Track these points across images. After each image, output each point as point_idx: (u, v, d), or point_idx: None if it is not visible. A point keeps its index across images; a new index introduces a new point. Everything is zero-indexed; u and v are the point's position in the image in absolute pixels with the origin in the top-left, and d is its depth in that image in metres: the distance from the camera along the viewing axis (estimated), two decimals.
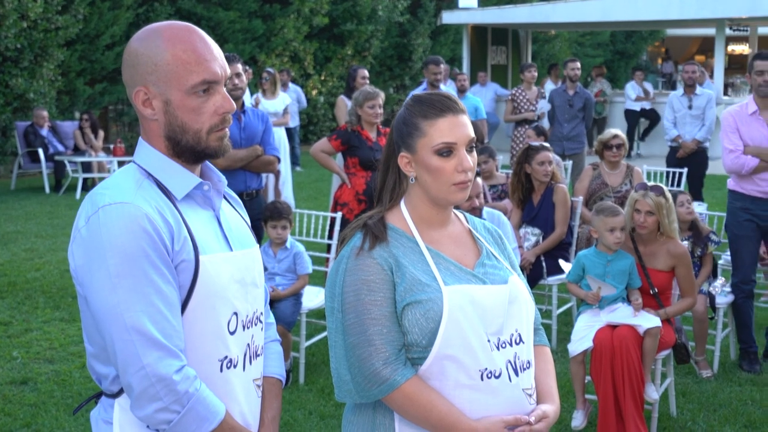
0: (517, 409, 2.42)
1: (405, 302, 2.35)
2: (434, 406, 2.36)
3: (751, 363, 6.40)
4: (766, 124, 6.30)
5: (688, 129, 10.51)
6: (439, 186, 2.41)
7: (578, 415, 5.19)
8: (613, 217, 5.22)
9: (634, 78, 19.12)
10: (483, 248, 2.54)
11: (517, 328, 2.46)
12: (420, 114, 2.42)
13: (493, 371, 2.38)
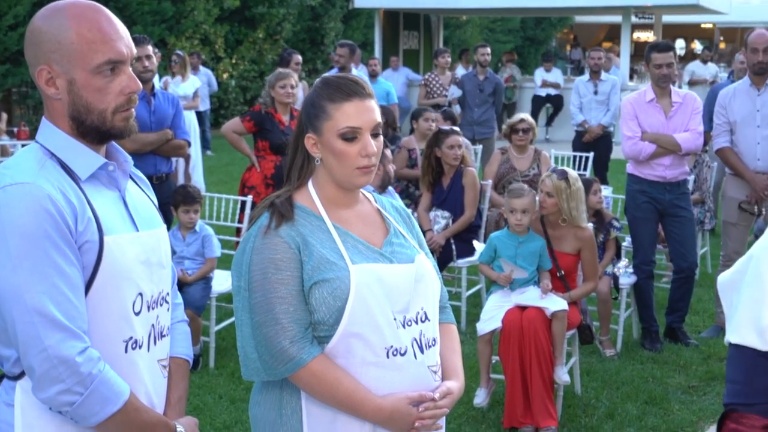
0: (422, 385, 2.46)
1: (312, 281, 2.37)
2: (340, 383, 2.38)
3: (652, 342, 6.59)
4: (663, 111, 6.50)
5: (593, 114, 10.75)
6: (343, 169, 2.43)
7: (481, 393, 5.29)
8: (515, 199, 5.32)
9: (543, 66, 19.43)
10: (391, 227, 2.57)
11: (423, 306, 2.50)
12: (327, 97, 2.43)
13: (399, 349, 2.42)
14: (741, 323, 2.02)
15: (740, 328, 2.02)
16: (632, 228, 6.76)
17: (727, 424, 2.01)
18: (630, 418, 5.32)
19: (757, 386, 1.98)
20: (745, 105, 6.60)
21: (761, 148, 6.55)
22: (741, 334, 2.01)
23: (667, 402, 5.56)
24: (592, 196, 6.47)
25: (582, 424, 5.22)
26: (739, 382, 2.01)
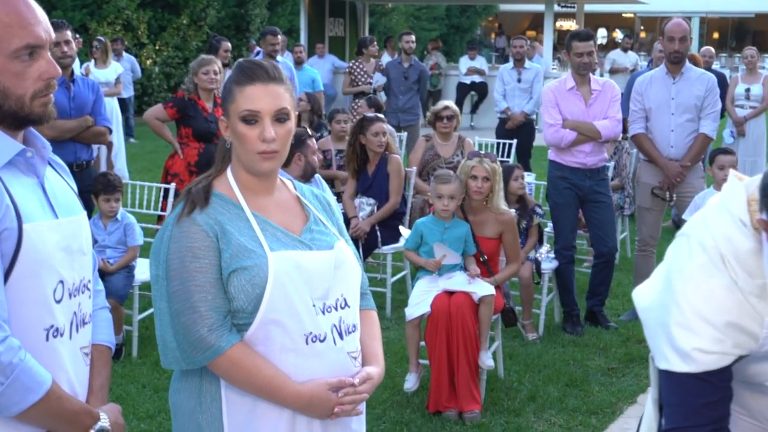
0: (342, 371, 2.48)
1: (230, 269, 2.37)
2: (259, 370, 2.39)
3: (573, 325, 6.72)
4: (583, 99, 6.62)
5: (516, 101, 10.89)
6: (245, 153, 2.43)
7: (411, 378, 5.34)
8: (443, 185, 5.37)
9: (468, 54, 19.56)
10: (310, 214, 2.58)
11: (343, 292, 2.51)
12: (234, 80, 2.44)
13: (318, 335, 2.43)
14: (665, 349, 2.05)
15: (665, 353, 2.05)
16: (554, 214, 6.88)
17: None
18: (551, 400, 5.42)
19: (691, 406, 2.02)
20: (660, 93, 6.75)
21: (675, 136, 6.71)
22: (668, 360, 2.04)
23: (587, 384, 5.68)
24: (513, 182, 6.56)
25: (505, 407, 5.30)
26: (674, 404, 2.05)
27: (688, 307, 2.00)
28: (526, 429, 5.02)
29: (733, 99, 10.78)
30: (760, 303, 1.96)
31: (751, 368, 2.08)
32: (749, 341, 2.00)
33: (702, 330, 1.98)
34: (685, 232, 2.10)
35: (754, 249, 1.95)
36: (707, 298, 1.98)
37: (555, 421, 5.15)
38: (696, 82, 6.73)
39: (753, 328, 1.98)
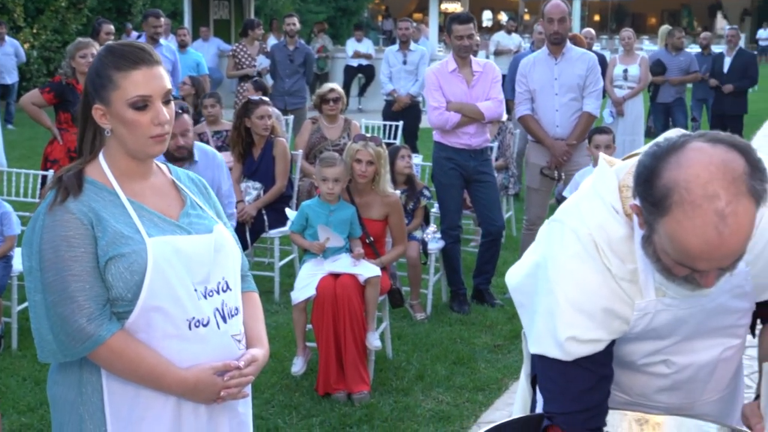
0: (227, 355, 2.47)
1: (108, 256, 2.32)
2: (142, 358, 2.35)
3: (460, 304, 6.81)
4: (465, 80, 6.68)
5: (402, 84, 10.94)
6: (136, 139, 2.38)
7: (298, 362, 5.33)
8: (328, 168, 5.36)
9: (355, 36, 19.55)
10: (187, 198, 2.54)
11: (224, 276, 2.49)
12: (113, 65, 2.36)
13: (201, 320, 2.41)
14: (540, 335, 2.07)
15: (540, 339, 2.07)
16: (439, 194, 6.95)
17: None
18: (439, 378, 5.49)
19: (574, 392, 2.04)
20: (543, 74, 6.87)
21: (560, 116, 6.85)
22: (542, 346, 2.07)
23: (474, 361, 5.76)
24: (399, 161, 6.60)
25: (393, 387, 5.34)
26: (554, 390, 2.08)
27: (562, 296, 2.03)
28: (414, 408, 5.07)
29: (611, 80, 11.05)
30: (632, 287, 2.01)
31: (623, 349, 2.14)
32: (622, 325, 2.04)
33: (576, 319, 2.01)
34: (559, 218, 2.12)
35: (626, 235, 1.99)
36: (581, 286, 2.01)
37: (443, 399, 5.22)
38: (577, 62, 6.87)
39: (625, 313, 2.03)
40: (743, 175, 1.74)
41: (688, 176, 1.75)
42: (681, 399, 2.18)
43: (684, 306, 2.04)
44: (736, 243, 1.75)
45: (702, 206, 1.72)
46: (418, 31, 17.11)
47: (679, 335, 2.10)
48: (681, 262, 1.81)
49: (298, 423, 4.86)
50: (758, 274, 2.06)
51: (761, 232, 1.99)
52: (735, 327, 2.17)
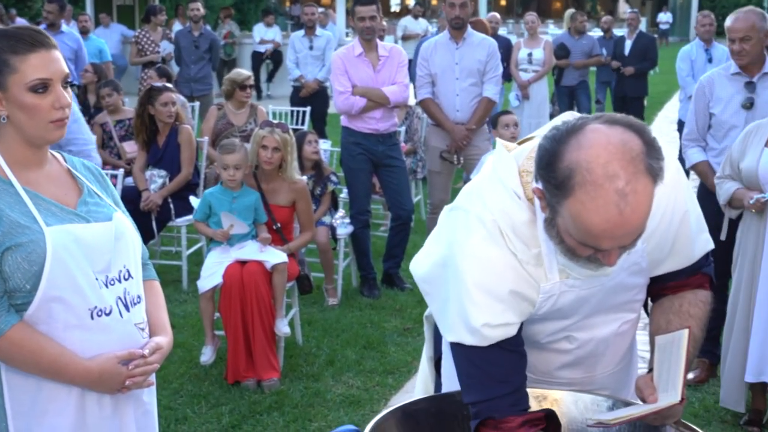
0: (131, 344, 2.44)
1: (4, 247, 2.26)
2: (44, 350, 2.31)
3: (370, 288, 6.84)
4: (371, 65, 6.69)
5: (309, 69, 10.89)
6: (36, 124, 2.32)
7: (207, 351, 5.29)
8: (228, 155, 5.32)
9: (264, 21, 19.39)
10: (84, 187, 2.50)
11: (125, 264, 2.47)
12: (9, 49, 2.30)
13: (103, 309, 2.38)
14: (454, 323, 2.09)
15: (455, 328, 2.09)
16: (348, 179, 6.95)
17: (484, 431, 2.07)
18: (349, 363, 5.51)
19: (497, 376, 2.07)
20: (444, 58, 6.92)
21: (460, 100, 6.92)
22: (457, 333, 2.08)
23: (384, 345, 5.80)
24: (307, 146, 6.58)
25: (303, 373, 5.35)
26: (476, 377, 2.09)
27: (472, 282, 2.05)
28: (325, 393, 5.08)
29: (516, 63, 11.18)
30: (537, 271, 2.05)
31: (528, 329, 2.18)
32: (529, 307, 2.09)
33: (487, 304, 2.04)
34: (461, 206, 2.13)
35: (529, 220, 2.03)
36: (489, 271, 2.04)
37: (353, 384, 5.24)
38: (478, 47, 6.94)
39: (531, 295, 2.07)
40: (641, 154, 1.79)
41: (588, 157, 1.78)
42: (581, 373, 2.24)
43: (586, 286, 2.09)
44: (637, 220, 1.80)
45: (603, 186, 1.76)
46: (325, 16, 17.05)
47: (581, 314, 2.15)
48: (584, 242, 1.85)
49: (207, 412, 4.82)
50: (652, 251, 2.12)
51: (655, 210, 2.04)
52: (632, 302, 2.23)
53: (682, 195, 2.12)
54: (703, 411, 4.89)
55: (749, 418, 4.71)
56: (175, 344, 5.63)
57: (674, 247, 2.14)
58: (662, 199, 2.04)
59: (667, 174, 2.01)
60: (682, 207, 2.12)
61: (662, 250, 2.13)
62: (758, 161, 4.41)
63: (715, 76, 5.20)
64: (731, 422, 4.77)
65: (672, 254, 2.15)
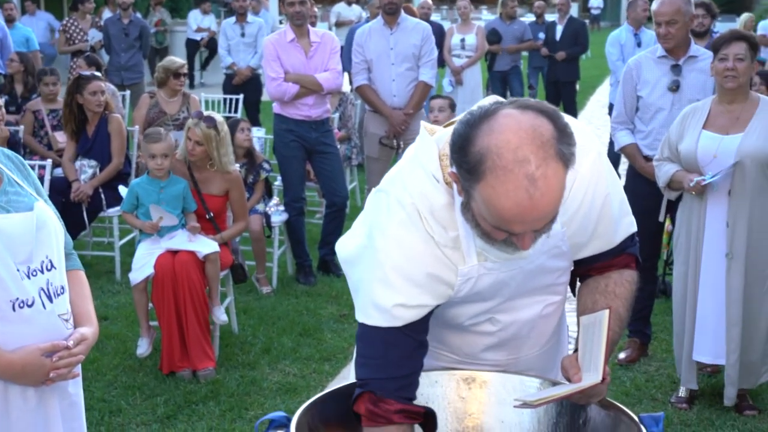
0: (54, 335, 2.42)
1: None
2: None
3: (306, 276, 6.82)
4: (303, 51, 6.66)
5: (242, 56, 10.81)
6: None
7: (143, 343, 5.23)
8: (154, 144, 5.26)
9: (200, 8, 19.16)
10: (4, 176, 2.45)
11: (48, 254, 2.43)
12: None
13: (26, 300, 2.35)
14: (366, 303, 2.10)
15: (366, 307, 2.09)
16: (282, 167, 6.92)
17: (364, 403, 2.09)
18: (285, 350, 5.49)
19: (392, 359, 2.08)
20: (379, 43, 6.91)
21: (396, 85, 6.92)
22: (367, 314, 2.09)
23: (320, 332, 5.79)
24: (239, 134, 6.53)
25: (239, 362, 5.32)
26: (373, 357, 2.10)
27: (389, 264, 2.05)
28: (261, 381, 5.06)
29: (449, 49, 11.21)
30: (455, 254, 2.05)
31: (449, 312, 2.19)
32: (447, 290, 2.09)
33: (403, 286, 2.04)
34: (383, 188, 2.14)
35: (447, 203, 2.03)
36: (407, 254, 2.04)
37: (289, 371, 5.23)
38: (412, 31, 6.95)
39: (449, 278, 2.07)
40: (551, 140, 1.80)
41: (499, 142, 1.79)
42: (506, 355, 2.26)
43: (505, 269, 2.10)
44: (547, 205, 1.80)
45: (513, 171, 1.77)
46: (258, 3, 16.90)
47: (502, 297, 2.16)
48: (497, 225, 1.86)
49: (142, 403, 4.77)
50: (573, 235, 2.14)
51: (574, 195, 2.07)
52: (555, 285, 2.25)
53: (603, 179, 2.13)
54: (634, 389, 4.98)
55: (682, 396, 4.80)
56: (109, 335, 5.61)
57: (596, 230, 2.16)
58: (582, 184, 2.07)
59: (587, 159, 2.06)
60: (604, 191, 2.13)
61: (584, 234, 2.15)
62: (696, 143, 4.48)
63: (642, 59, 5.28)
64: (662, 400, 4.86)
65: (594, 238, 2.17)
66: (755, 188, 4.40)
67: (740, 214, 4.43)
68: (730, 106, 4.49)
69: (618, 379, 5.11)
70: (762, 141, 4.36)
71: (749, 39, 4.51)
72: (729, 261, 4.47)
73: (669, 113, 5.09)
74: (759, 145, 4.35)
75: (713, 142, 4.45)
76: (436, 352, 2.30)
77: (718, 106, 4.53)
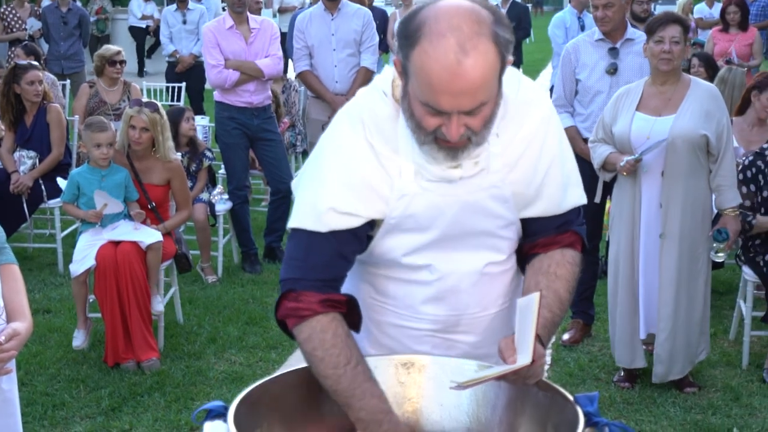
0: None
1: None
2: None
3: (252, 264, 6.79)
4: (243, 37, 6.61)
5: (184, 44, 10.71)
6: None
7: (79, 335, 5.17)
8: (100, 133, 5.20)
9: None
10: None
11: None
12: None
13: None
14: (300, 208, 2.14)
15: (299, 213, 2.13)
16: (224, 155, 6.87)
17: (285, 303, 2.12)
18: (231, 339, 5.47)
19: (312, 263, 2.10)
20: (320, 29, 6.89)
21: (339, 71, 6.90)
22: (299, 219, 2.12)
23: (266, 320, 5.77)
24: (184, 124, 6.49)
25: (185, 352, 5.29)
26: (297, 259, 2.13)
27: (327, 166, 2.11)
28: (207, 371, 5.04)
29: (393, 34, 11.20)
30: (392, 165, 2.09)
31: (385, 244, 2.19)
32: (381, 205, 2.11)
33: (338, 189, 2.08)
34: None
35: (391, 115, 2.09)
36: (345, 158, 2.10)
37: (235, 360, 5.21)
38: (353, 17, 6.93)
39: (384, 191, 2.10)
40: (488, 21, 1.90)
41: (437, 12, 1.90)
42: (446, 311, 2.24)
43: (440, 191, 2.11)
44: (474, 76, 1.86)
45: (446, 35, 1.86)
46: None
47: (438, 228, 2.16)
48: (426, 101, 1.91)
49: (86, 396, 4.72)
50: (516, 182, 2.15)
51: (522, 138, 2.13)
52: (496, 238, 2.23)
53: (553, 138, 2.18)
54: (577, 370, 5.03)
55: (623, 375, 4.86)
56: (52, 328, 5.55)
57: (542, 189, 2.18)
58: (530, 132, 2.13)
59: (538, 111, 2.15)
60: (553, 150, 2.17)
61: (528, 186, 2.17)
62: (630, 125, 4.53)
63: (580, 42, 5.32)
64: (605, 380, 4.92)
65: (540, 197, 2.19)
66: (688, 169, 4.47)
67: (673, 195, 4.49)
68: (663, 87, 4.55)
69: (562, 360, 5.17)
70: (693, 122, 4.42)
71: (683, 22, 4.57)
72: (662, 241, 4.54)
73: (607, 96, 5.14)
74: (691, 126, 4.41)
75: (646, 124, 4.51)
76: (379, 306, 2.31)
77: (651, 87, 4.59)
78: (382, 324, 2.31)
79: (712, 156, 4.48)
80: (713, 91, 4.53)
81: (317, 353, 2.06)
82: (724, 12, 9.71)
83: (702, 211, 4.56)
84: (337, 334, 2.06)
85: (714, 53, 9.37)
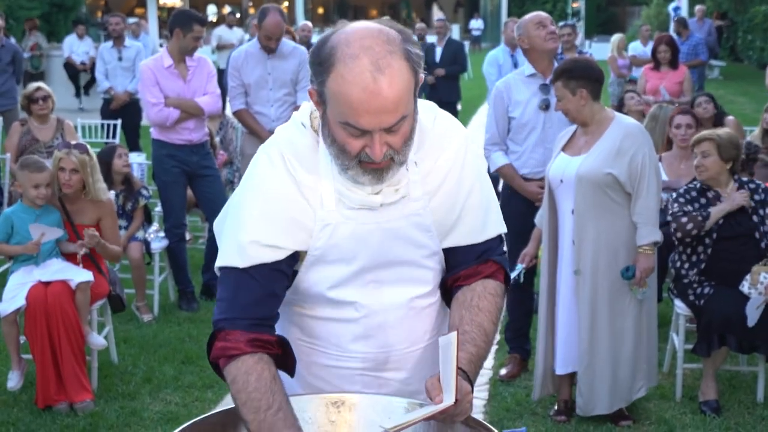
0: None
1: None
2: None
3: (189, 302, 6.74)
4: (180, 76, 6.59)
5: (119, 81, 10.65)
6: None
7: (14, 376, 5.08)
8: (38, 173, 5.15)
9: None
10: None
11: None
12: None
13: None
14: (224, 247, 2.15)
15: (223, 251, 2.14)
16: (162, 193, 6.82)
17: (216, 344, 2.11)
18: (167, 379, 5.41)
19: (241, 302, 2.10)
20: (256, 68, 6.89)
21: (275, 110, 6.92)
22: (224, 257, 2.13)
23: (203, 359, 5.70)
24: (117, 160, 6.44)
25: (120, 392, 5.21)
26: (226, 300, 2.13)
27: (249, 204, 2.13)
28: (142, 411, 4.97)
29: None
30: (314, 196, 2.12)
31: (311, 277, 2.19)
32: (305, 236, 2.13)
33: (261, 225, 2.10)
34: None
35: (311, 145, 2.14)
36: (267, 192, 2.12)
37: (171, 400, 5.15)
38: (289, 57, 6.95)
39: (307, 222, 2.12)
40: (397, 39, 1.97)
41: (348, 36, 1.95)
42: (375, 348, 2.24)
43: (362, 219, 2.14)
44: (391, 93, 1.92)
45: (359, 56, 1.91)
46: (138, 26, 16.69)
47: (362, 259, 2.17)
48: (347, 121, 1.95)
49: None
50: (437, 209, 2.19)
51: (440, 167, 2.19)
52: (421, 268, 2.24)
53: (471, 166, 2.23)
54: (515, 405, 5.06)
55: (558, 409, 4.90)
56: None
57: (463, 216, 2.21)
58: (449, 159, 2.19)
59: (455, 139, 2.21)
60: (471, 178, 2.22)
61: (449, 213, 2.20)
62: (551, 165, 4.65)
63: (511, 80, 5.40)
64: (542, 414, 4.95)
65: (461, 224, 2.22)
66: (596, 207, 4.52)
67: (584, 232, 4.55)
68: (584, 128, 4.65)
69: (499, 395, 5.20)
70: (599, 162, 4.47)
71: (568, 74, 4.58)
72: (577, 278, 4.59)
73: (542, 131, 5.22)
74: (595, 167, 4.47)
75: (562, 164, 4.62)
76: (308, 348, 2.30)
77: (580, 128, 4.69)
78: (311, 365, 2.31)
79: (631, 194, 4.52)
80: (631, 129, 4.55)
81: (241, 396, 2.05)
82: (655, 51, 9.94)
83: (621, 248, 4.56)
84: (262, 378, 2.04)
85: (645, 90, 9.58)
